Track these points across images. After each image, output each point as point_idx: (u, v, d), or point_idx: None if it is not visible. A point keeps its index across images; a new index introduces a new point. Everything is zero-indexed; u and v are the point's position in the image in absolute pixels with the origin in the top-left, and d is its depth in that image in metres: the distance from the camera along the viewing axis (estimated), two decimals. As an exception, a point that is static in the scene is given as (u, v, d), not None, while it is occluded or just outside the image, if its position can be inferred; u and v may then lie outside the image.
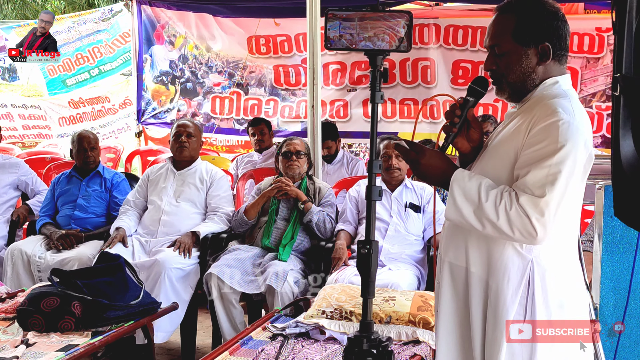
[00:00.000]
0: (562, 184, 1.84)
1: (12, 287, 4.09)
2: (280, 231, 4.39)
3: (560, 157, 1.85)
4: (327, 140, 6.20)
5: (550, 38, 1.99)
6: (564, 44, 2.01)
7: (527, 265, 1.95)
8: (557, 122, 1.87)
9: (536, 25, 1.99)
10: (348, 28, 2.15)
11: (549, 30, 1.99)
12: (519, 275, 1.96)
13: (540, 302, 1.93)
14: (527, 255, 1.95)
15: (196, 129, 4.79)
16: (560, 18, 2.00)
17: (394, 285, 3.71)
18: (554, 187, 1.84)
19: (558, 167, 1.84)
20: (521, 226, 1.87)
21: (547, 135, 1.88)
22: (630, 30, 1.33)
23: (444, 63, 6.95)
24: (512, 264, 1.97)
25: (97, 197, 4.84)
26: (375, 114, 2.20)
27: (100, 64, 8.88)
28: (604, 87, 6.37)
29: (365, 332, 2.16)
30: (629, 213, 1.45)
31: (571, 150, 1.84)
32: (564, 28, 2.01)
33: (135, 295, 3.38)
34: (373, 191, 2.19)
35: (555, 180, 1.84)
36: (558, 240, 1.95)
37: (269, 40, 7.61)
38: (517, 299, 1.95)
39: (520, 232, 1.88)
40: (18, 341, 2.99)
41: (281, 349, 2.94)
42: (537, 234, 1.86)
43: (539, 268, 1.94)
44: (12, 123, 8.84)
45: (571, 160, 1.84)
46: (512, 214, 1.87)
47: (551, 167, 1.85)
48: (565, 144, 1.85)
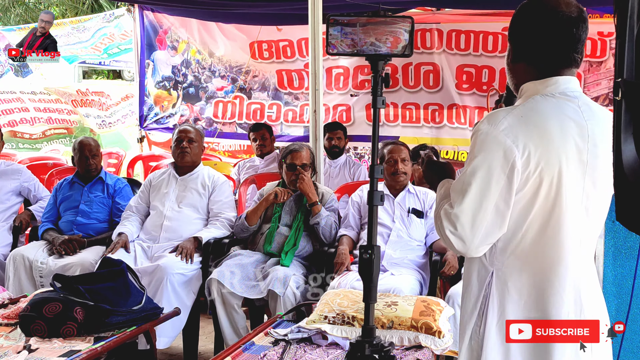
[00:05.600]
0: (473, 197, 1.80)
1: (15, 293, 4.09)
2: (282, 237, 4.38)
3: (472, 168, 1.81)
4: (339, 130, 6.22)
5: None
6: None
7: (487, 277, 1.91)
8: (475, 132, 1.86)
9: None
10: (349, 33, 2.16)
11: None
12: (479, 285, 1.93)
13: (493, 314, 1.88)
14: (488, 266, 1.92)
15: (197, 134, 4.79)
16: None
17: (396, 290, 3.71)
18: (464, 200, 1.81)
19: (469, 179, 1.81)
20: (444, 237, 1.86)
21: (470, 144, 1.87)
22: (632, 34, 1.32)
23: (449, 68, 6.95)
24: (476, 273, 1.95)
25: (99, 203, 4.84)
26: (376, 119, 2.20)
27: (109, 49, 8.97)
28: (607, 90, 6.36)
29: (368, 337, 2.17)
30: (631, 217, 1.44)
31: (483, 161, 1.80)
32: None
33: (138, 300, 3.38)
34: (375, 196, 2.19)
35: (465, 192, 1.81)
36: (527, 254, 1.87)
37: (271, 46, 7.63)
38: (476, 308, 1.93)
39: (446, 242, 1.87)
40: (20, 347, 2.98)
41: (283, 354, 2.94)
42: (454, 246, 1.84)
43: (498, 281, 1.89)
44: (24, 105, 8.98)
45: (483, 171, 1.79)
46: (439, 225, 1.88)
47: (464, 179, 1.83)
48: (477, 155, 1.81)
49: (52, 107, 9.16)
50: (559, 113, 1.84)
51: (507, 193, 1.80)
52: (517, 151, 1.77)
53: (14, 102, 9.05)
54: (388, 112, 7.21)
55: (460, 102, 6.94)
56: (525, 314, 1.86)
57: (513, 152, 1.77)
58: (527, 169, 1.78)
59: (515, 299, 1.87)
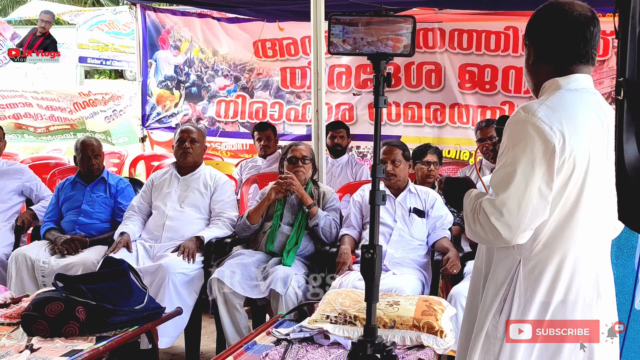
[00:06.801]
0: (518, 182, 1.85)
1: (17, 292, 4.09)
2: (284, 236, 4.38)
3: (513, 156, 1.88)
4: (341, 129, 6.21)
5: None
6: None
7: (514, 265, 1.97)
8: (511, 123, 1.93)
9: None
10: (351, 32, 2.16)
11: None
12: (504, 273, 1.98)
13: (518, 301, 1.94)
14: (516, 255, 1.97)
15: (200, 134, 4.78)
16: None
17: (398, 289, 3.71)
18: (509, 186, 1.86)
19: (512, 167, 1.87)
20: (488, 228, 1.90)
21: (505, 138, 1.94)
22: (634, 34, 1.33)
23: (452, 67, 6.94)
24: (502, 263, 2.00)
25: (101, 203, 4.85)
26: (378, 118, 2.20)
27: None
28: (609, 89, 6.35)
29: (370, 337, 2.17)
30: (632, 217, 1.44)
31: (524, 148, 1.86)
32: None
33: (140, 300, 3.38)
34: (377, 195, 2.20)
35: (510, 179, 1.87)
36: (554, 241, 1.93)
37: (274, 44, 7.63)
38: (499, 295, 1.97)
39: (488, 234, 1.92)
40: (22, 346, 2.99)
41: (285, 353, 2.94)
42: (500, 233, 1.88)
43: (525, 268, 1.95)
44: (27, 101, 9.01)
45: (526, 157, 1.85)
46: (481, 217, 1.92)
47: (506, 167, 1.89)
48: (517, 143, 1.88)
49: (54, 105, 9.16)
50: (585, 106, 1.94)
51: (549, 176, 1.86)
52: (554, 137, 1.84)
53: (17, 98, 9.04)
54: (390, 112, 7.21)
55: (463, 101, 6.94)
56: (548, 299, 1.93)
57: (552, 138, 1.85)
58: (563, 155, 1.85)
59: (542, 285, 1.93)
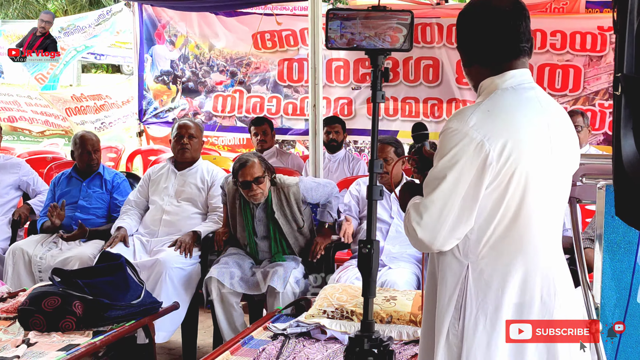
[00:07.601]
0: (443, 189, 1.84)
1: (13, 287, 4.08)
2: (265, 250, 4.27)
3: (442, 164, 1.86)
4: (337, 124, 6.19)
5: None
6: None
7: (463, 270, 1.93)
8: (443, 131, 1.93)
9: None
10: (349, 27, 2.16)
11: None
12: (454, 279, 1.95)
13: (471, 307, 1.91)
14: (463, 260, 1.94)
15: (197, 129, 4.76)
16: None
17: (391, 283, 3.71)
18: (434, 192, 1.85)
19: (441, 173, 1.85)
20: (411, 231, 1.89)
21: (439, 144, 1.94)
22: (632, 29, 1.33)
23: (449, 62, 6.93)
24: (450, 269, 1.96)
25: (98, 198, 4.83)
26: (376, 113, 2.20)
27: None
28: (606, 85, 6.36)
29: (367, 332, 2.17)
30: (630, 213, 1.45)
31: (454, 157, 1.85)
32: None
33: (136, 294, 3.39)
34: (374, 191, 2.19)
35: (436, 186, 1.86)
36: (500, 244, 1.91)
37: (273, 35, 7.58)
38: (452, 302, 1.94)
39: (411, 237, 1.91)
40: (19, 341, 2.99)
41: (282, 348, 2.95)
42: (419, 237, 1.87)
43: (474, 273, 1.92)
44: (21, 107, 9.02)
45: (454, 166, 1.84)
46: (406, 220, 1.93)
47: (435, 174, 1.88)
48: (448, 152, 1.86)
49: (48, 111, 9.17)
50: (522, 104, 1.92)
51: (476, 188, 1.85)
52: (488, 145, 1.83)
53: (11, 105, 9.04)
54: (388, 106, 7.18)
55: (460, 96, 6.93)
56: (502, 302, 1.90)
57: (484, 147, 1.83)
58: (499, 161, 1.83)
59: (493, 288, 1.90)
